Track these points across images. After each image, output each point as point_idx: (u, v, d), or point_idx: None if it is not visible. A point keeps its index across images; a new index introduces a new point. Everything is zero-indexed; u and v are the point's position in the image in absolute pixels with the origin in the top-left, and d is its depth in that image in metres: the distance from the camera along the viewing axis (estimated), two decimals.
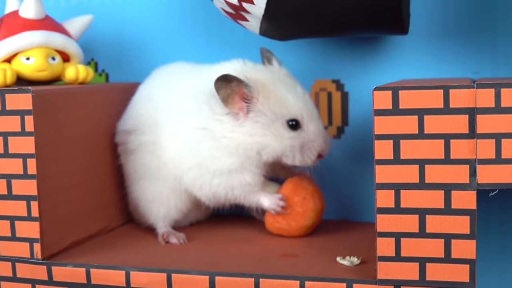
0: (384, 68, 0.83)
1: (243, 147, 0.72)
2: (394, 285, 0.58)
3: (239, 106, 0.72)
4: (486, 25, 0.79)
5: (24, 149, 0.67)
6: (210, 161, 0.73)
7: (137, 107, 0.80)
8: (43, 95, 0.68)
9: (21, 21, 0.77)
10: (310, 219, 0.76)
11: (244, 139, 0.72)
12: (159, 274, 0.65)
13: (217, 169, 0.73)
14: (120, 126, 0.81)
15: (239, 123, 0.72)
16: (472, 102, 0.55)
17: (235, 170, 0.73)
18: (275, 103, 0.72)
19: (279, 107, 0.72)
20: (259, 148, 0.73)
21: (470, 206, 0.56)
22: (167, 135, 0.76)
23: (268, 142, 0.72)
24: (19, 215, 0.68)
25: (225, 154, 0.73)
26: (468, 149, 0.55)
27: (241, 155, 0.73)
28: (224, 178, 0.74)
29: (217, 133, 0.73)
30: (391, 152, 0.57)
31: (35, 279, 0.68)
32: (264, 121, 0.72)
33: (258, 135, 0.72)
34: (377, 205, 0.58)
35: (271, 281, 0.62)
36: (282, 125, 0.72)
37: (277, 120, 0.72)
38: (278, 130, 0.72)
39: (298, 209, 0.75)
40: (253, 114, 0.72)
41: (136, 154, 0.79)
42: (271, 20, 0.72)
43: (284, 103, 0.73)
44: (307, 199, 0.75)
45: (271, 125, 0.72)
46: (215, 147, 0.73)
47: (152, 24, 0.91)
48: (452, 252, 0.57)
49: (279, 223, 0.76)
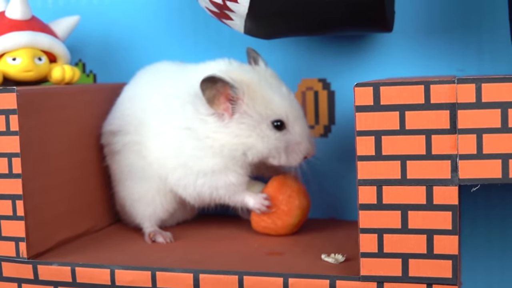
0: (370, 67, 0.83)
1: (227, 148, 0.72)
2: (377, 281, 0.59)
3: (224, 107, 0.72)
4: (471, 22, 0.79)
5: (9, 148, 0.67)
6: (194, 161, 0.73)
7: (122, 108, 0.80)
8: (28, 95, 0.68)
9: (7, 21, 0.77)
10: (296, 217, 0.76)
11: (229, 140, 0.72)
12: (144, 272, 0.65)
13: (201, 169, 0.74)
14: (105, 127, 0.81)
15: (224, 124, 0.72)
16: (453, 98, 0.55)
17: (218, 171, 0.73)
18: (260, 104, 0.72)
19: (264, 108, 0.72)
20: (244, 149, 0.73)
21: (452, 202, 0.56)
22: (152, 135, 0.76)
23: (254, 143, 0.72)
24: (5, 214, 0.68)
25: (209, 154, 0.73)
26: (449, 144, 0.55)
27: (226, 155, 0.73)
28: (208, 179, 0.74)
29: (201, 133, 0.73)
30: (372, 148, 0.57)
31: (21, 278, 0.68)
32: (250, 122, 0.72)
33: (243, 136, 0.72)
34: (359, 202, 0.58)
35: (255, 278, 0.62)
36: (268, 126, 0.72)
37: (262, 121, 0.72)
38: (263, 131, 0.72)
39: (283, 208, 0.75)
40: (239, 115, 0.72)
41: (122, 155, 0.79)
42: (255, 18, 0.72)
43: (269, 104, 0.73)
44: (292, 197, 0.76)
45: (256, 126, 0.72)
46: (199, 147, 0.73)
47: (140, 24, 0.91)
48: (434, 248, 0.57)
49: (265, 222, 0.76)
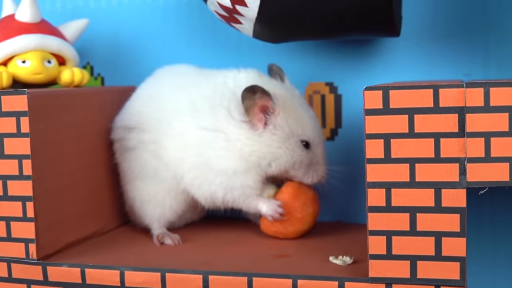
0: (377, 71, 0.84)
1: (256, 155, 0.74)
2: (386, 283, 0.59)
3: (258, 117, 0.74)
4: (477, 27, 0.80)
5: (20, 150, 0.67)
6: (217, 161, 0.74)
7: (140, 105, 0.80)
8: (39, 97, 0.69)
9: (17, 24, 0.78)
10: (308, 224, 0.76)
11: (260, 148, 0.74)
12: (154, 274, 0.65)
13: (223, 169, 0.74)
14: (119, 122, 0.81)
15: (258, 133, 0.74)
16: (461, 101, 0.55)
17: (240, 172, 0.74)
18: (293, 120, 0.75)
19: (295, 125, 0.75)
20: (271, 159, 0.74)
21: (460, 204, 0.56)
22: (172, 135, 0.77)
23: (282, 155, 0.74)
24: (15, 215, 0.68)
25: (236, 157, 0.74)
26: (457, 147, 0.56)
27: (252, 161, 0.74)
28: (226, 178, 0.74)
29: (232, 136, 0.74)
30: (382, 151, 0.58)
31: (31, 279, 0.69)
32: (281, 135, 0.74)
33: (273, 146, 0.74)
34: (368, 204, 0.58)
35: (264, 280, 0.62)
36: (296, 142, 0.75)
37: (292, 136, 0.74)
38: (292, 146, 0.74)
39: (297, 215, 0.75)
40: (272, 126, 0.74)
41: (135, 152, 0.79)
42: (264, 22, 0.73)
43: (301, 122, 0.75)
44: (307, 205, 0.76)
45: (286, 140, 0.74)
46: (227, 148, 0.74)
47: (148, 28, 0.92)
48: (442, 250, 0.57)
49: (276, 227, 0.76)
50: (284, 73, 0.80)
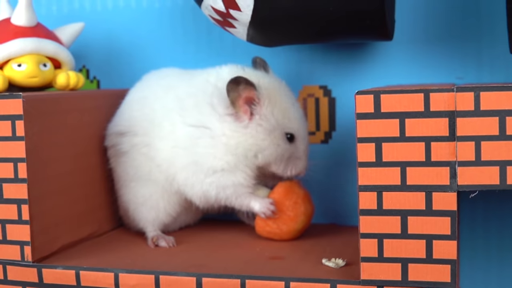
0: (370, 74, 0.84)
1: (242, 147, 0.74)
2: (377, 285, 0.59)
3: (243, 109, 0.74)
4: (470, 31, 0.80)
5: (15, 153, 0.68)
6: (205, 159, 0.75)
7: (130, 109, 0.81)
8: (34, 101, 0.69)
9: (13, 28, 0.78)
10: (301, 223, 0.77)
11: (245, 140, 0.74)
12: (147, 276, 0.66)
13: (211, 166, 0.74)
14: (111, 129, 0.82)
15: (243, 125, 0.74)
16: (452, 106, 0.56)
17: (228, 170, 0.74)
18: (279, 112, 0.75)
19: (281, 117, 0.75)
20: (257, 151, 0.74)
21: (451, 208, 0.57)
22: (162, 136, 0.77)
23: (267, 146, 0.74)
24: (10, 218, 0.69)
25: (222, 152, 0.74)
26: (448, 151, 0.56)
27: (238, 154, 0.74)
28: (217, 177, 0.75)
29: (216, 131, 0.74)
30: (373, 154, 0.58)
31: (26, 281, 0.69)
32: (267, 126, 0.74)
33: (259, 138, 0.74)
34: (360, 207, 0.59)
35: (257, 282, 0.63)
36: (281, 134, 0.75)
37: (278, 128, 0.75)
38: (276, 138, 0.75)
39: (289, 213, 0.76)
40: (258, 117, 0.74)
41: (128, 156, 0.80)
42: (258, 26, 0.73)
43: (287, 114, 0.75)
44: (298, 203, 0.76)
45: (272, 131, 0.74)
46: (212, 144, 0.74)
47: (143, 31, 0.92)
48: (433, 252, 0.58)
49: (270, 227, 0.77)
50: (268, 65, 0.80)
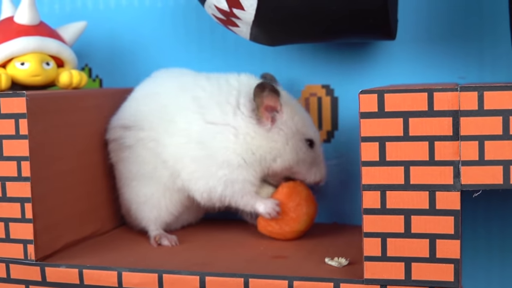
0: (373, 74, 0.84)
1: (263, 150, 0.76)
2: (381, 284, 0.59)
3: (266, 115, 0.76)
4: (472, 30, 0.81)
5: (18, 152, 0.68)
6: (222, 153, 0.75)
7: (137, 104, 0.81)
8: (37, 99, 0.69)
9: (16, 27, 0.78)
10: (303, 223, 0.77)
11: (267, 143, 0.76)
12: (151, 275, 0.66)
13: (227, 160, 0.75)
14: (115, 122, 0.82)
15: (266, 129, 0.76)
16: (455, 105, 0.56)
17: (243, 166, 0.75)
18: (298, 120, 0.78)
19: (301, 125, 0.78)
20: (277, 155, 0.76)
21: (454, 207, 0.57)
22: (173, 132, 0.77)
23: (287, 151, 0.77)
24: (13, 217, 0.69)
25: (243, 149, 0.75)
26: (452, 150, 0.56)
27: (257, 155, 0.76)
28: (230, 171, 0.75)
29: (241, 130, 0.76)
30: (377, 154, 0.58)
31: (29, 280, 0.69)
32: (288, 132, 0.77)
33: (280, 142, 0.76)
34: (363, 206, 0.59)
35: (260, 281, 0.63)
36: (301, 140, 0.77)
37: (298, 134, 0.77)
38: (297, 143, 0.77)
39: (291, 215, 0.76)
40: (280, 123, 0.76)
41: (132, 151, 0.80)
42: (261, 25, 0.73)
43: (305, 122, 0.79)
44: (301, 205, 0.76)
45: (292, 137, 0.77)
46: (235, 141, 0.75)
47: (146, 30, 0.92)
48: (437, 252, 0.58)
49: (272, 227, 0.77)
50: (277, 81, 0.82)
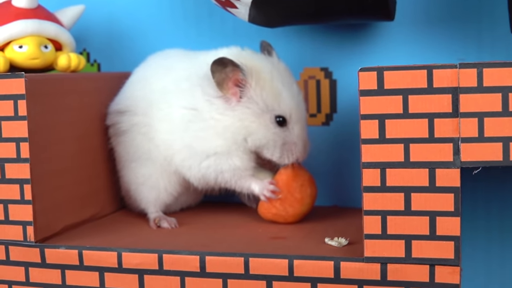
0: (372, 56, 0.84)
1: (231, 131, 0.73)
2: (381, 262, 0.60)
3: (232, 91, 0.73)
4: (471, 11, 0.81)
5: (17, 133, 0.68)
6: (198, 142, 0.74)
7: (132, 89, 0.81)
8: (36, 81, 0.69)
9: (14, 10, 0.78)
10: (306, 205, 0.77)
11: (233, 123, 0.73)
12: (151, 255, 0.66)
13: (204, 150, 0.74)
14: (113, 107, 0.82)
15: (231, 107, 0.73)
16: (455, 82, 0.56)
17: (221, 153, 0.74)
18: (268, 94, 0.73)
19: (271, 100, 0.73)
20: (245, 134, 0.73)
21: (454, 184, 0.57)
22: (160, 117, 0.77)
23: (256, 129, 0.73)
24: (13, 198, 0.69)
25: (212, 135, 0.74)
26: (451, 128, 0.56)
27: (228, 138, 0.73)
28: (213, 161, 0.75)
29: (206, 114, 0.74)
30: (376, 131, 0.58)
31: (28, 261, 0.69)
32: (255, 109, 0.73)
33: (247, 120, 0.73)
34: (363, 184, 0.59)
35: (260, 260, 0.63)
36: (270, 118, 0.73)
37: (267, 111, 0.73)
38: (265, 121, 0.73)
39: (296, 195, 0.75)
40: (246, 99, 0.73)
41: (128, 135, 0.80)
42: (260, 6, 0.73)
43: (278, 97, 0.73)
44: (305, 186, 0.76)
45: (260, 114, 0.73)
46: (203, 128, 0.74)
47: (144, 14, 0.92)
48: (437, 229, 0.58)
49: (276, 209, 0.76)
50: (273, 48, 0.79)
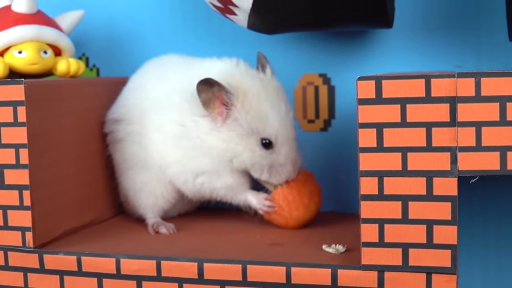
0: (370, 62, 0.84)
1: (216, 152, 0.73)
2: (378, 270, 0.60)
3: (218, 111, 0.72)
4: (469, 19, 0.81)
5: (17, 139, 0.68)
6: (188, 160, 0.75)
7: (127, 97, 0.81)
8: (35, 87, 0.69)
9: (13, 15, 0.78)
10: (310, 213, 0.77)
11: (218, 144, 0.73)
12: (149, 261, 0.66)
13: (195, 168, 0.75)
14: (109, 115, 0.82)
15: (216, 127, 0.72)
16: (453, 91, 0.56)
17: (211, 172, 0.74)
18: (253, 116, 0.72)
19: (256, 122, 0.72)
20: (231, 156, 0.73)
21: (452, 193, 0.57)
22: (153, 127, 0.77)
23: (241, 152, 0.73)
24: (12, 204, 0.69)
25: (199, 154, 0.74)
26: (449, 137, 0.57)
27: (214, 157, 0.73)
28: (206, 178, 0.75)
29: (192, 133, 0.74)
30: (374, 140, 0.58)
31: (27, 267, 0.69)
32: (240, 131, 0.72)
33: (232, 143, 0.72)
34: (361, 192, 0.59)
35: (258, 267, 0.63)
36: (256, 140, 0.73)
37: (252, 134, 0.72)
38: (251, 144, 0.73)
39: (304, 200, 0.76)
40: (231, 121, 0.72)
41: (124, 143, 0.80)
42: (259, 13, 0.73)
43: (263, 119, 0.72)
44: (313, 193, 0.77)
45: (245, 137, 0.72)
46: (191, 146, 0.74)
47: (143, 19, 0.93)
48: (434, 237, 0.58)
49: (282, 209, 0.75)
50: (268, 62, 0.77)
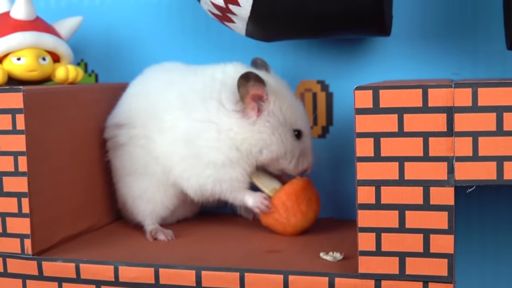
0: (368, 69, 0.85)
1: (248, 142, 0.75)
2: (375, 278, 0.60)
3: (251, 106, 0.75)
4: (467, 27, 0.81)
5: (15, 147, 0.68)
6: (206, 152, 0.75)
7: (129, 102, 0.82)
8: (34, 94, 0.70)
9: (12, 22, 0.79)
10: (308, 220, 0.77)
11: (252, 136, 0.75)
12: (147, 269, 0.66)
13: (212, 160, 0.75)
14: (110, 121, 0.82)
15: (250, 121, 0.75)
16: (450, 101, 0.56)
17: (228, 165, 0.75)
18: (287, 109, 0.76)
19: (289, 115, 0.76)
20: (262, 146, 0.75)
21: (448, 202, 0.57)
22: (162, 129, 0.78)
23: (273, 142, 0.75)
24: (10, 211, 0.69)
25: (227, 146, 0.75)
26: (446, 146, 0.57)
27: (242, 150, 0.75)
28: (216, 171, 0.75)
29: (224, 126, 0.75)
30: (371, 149, 0.58)
31: (26, 274, 0.70)
32: (275, 122, 0.75)
33: (266, 133, 0.75)
34: (358, 201, 0.59)
35: (255, 275, 0.63)
36: (289, 131, 0.76)
37: (285, 125, 0.76)
38: (284, 134, 0.76)
39: (302, 207, 0.76)
40: (266, 113, 0.75)
41: (126, 148, 0.80)
42: (257, 21, 0.74)
43: (294, 112, 0.77)
44: (312, 200, 0.77)
45: (279, 128, 0.76)
46: (218, 138, 0.75)
47: (141, 26, 0.93)
48: (430, 246, 0.58)
49: (279, 215, 0.76)
50: (269, 66, 0.81)
